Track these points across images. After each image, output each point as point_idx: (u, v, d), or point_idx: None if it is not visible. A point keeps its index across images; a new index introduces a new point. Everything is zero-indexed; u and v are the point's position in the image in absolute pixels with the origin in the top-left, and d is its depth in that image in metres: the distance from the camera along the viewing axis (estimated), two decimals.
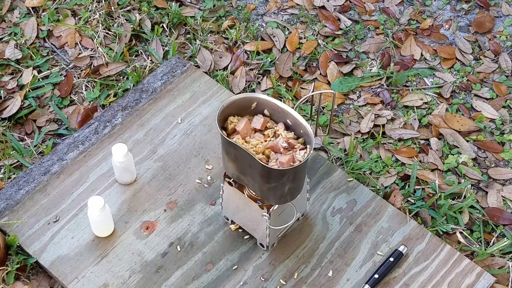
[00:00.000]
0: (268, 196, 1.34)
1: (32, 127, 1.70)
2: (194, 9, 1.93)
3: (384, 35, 1.90)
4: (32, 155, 1.65)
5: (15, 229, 1.50)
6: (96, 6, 1.91)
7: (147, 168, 1.59)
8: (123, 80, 1.78)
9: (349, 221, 1.53)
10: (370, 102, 1.77)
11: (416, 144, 1.71)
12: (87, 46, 1.85)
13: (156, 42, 1.85)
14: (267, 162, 1.30)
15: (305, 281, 1.45)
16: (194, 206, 1.54)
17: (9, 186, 1.56)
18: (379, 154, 1.68)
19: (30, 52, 1.83)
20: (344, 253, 1.48)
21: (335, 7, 1.95)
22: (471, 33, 1.91)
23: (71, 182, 1.57)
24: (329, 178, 1.59)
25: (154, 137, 1.64)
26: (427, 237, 1.51)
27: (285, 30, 1.90)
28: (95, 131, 1.65)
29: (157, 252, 1.48)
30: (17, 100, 1.73)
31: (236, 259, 1.47)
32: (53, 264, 1.46)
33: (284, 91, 1.77)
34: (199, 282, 1.44)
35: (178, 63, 1.77)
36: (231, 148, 1.30)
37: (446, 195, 1.61)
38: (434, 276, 1.46)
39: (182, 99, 1.71)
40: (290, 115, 1.32)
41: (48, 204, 1.54)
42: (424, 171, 1.65)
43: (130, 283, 1.44)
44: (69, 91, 1.76)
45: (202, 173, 1.59)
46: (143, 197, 1.55)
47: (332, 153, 1.67)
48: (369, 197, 1.56)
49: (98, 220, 1.45)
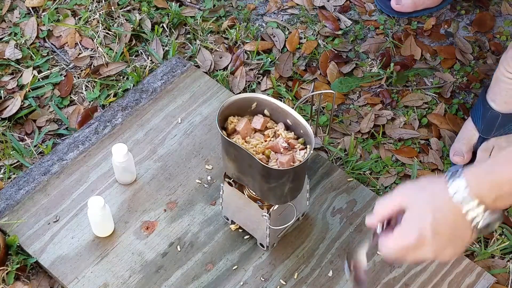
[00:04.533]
0: (268, 196, 1.34)
1: (32, 127, 1.71)
2: (194, 9, 1.93)
3: (384, 35, 1.90)
4: (32, 155, 1.65)
5: (15, 229, 1.50)
6: (96, 6, 1.91)
7: (147, 168, 1.59)
8: (123, 80, 1.78)
9: (349, 221, 1.53)
10: (370, 102, 1.77)
11: (416, 144, 1.71)
12: (87, 46, 1.85)
13: (156, 42, 1.85)
14: (267, 162, 1.30)
15: (305, 281, 1.45)
16: (194, 206, 1.54)
17: (9, 186, 1.56)
18: (379, 154, 1.68)
19: (30, 52, 1.83)
20: (344, 253, 1.48)
21: (335, 7, 1.96)
22: (471, 33, 1.91)
23: (71, 182, 1.57)
24: (329, 178, 1.59)
25: (154, 137, 1.64)
26: None
27: (285, 30, 1.90)
28: (95, 131, 1.65)
29: (157, 252, 1.48)
30: (17, 100, 1.73)
31: (236, 259, 1.47)
32: (53, 264, 1.46)
33: (284, 91, 1.77)
34: (199, 282, 1.44)
35: (178, 63, 1.77)
36: (231, 148, 1.30)
37: None
38: (434, 276, 1.46)
39: (182, 99, 1.71)
40: (290, 115, 1.32)
41: (48, 204, 1.54)
42: (424, 171, 1.65)
43: (130, 283, 1.44)
44: (69, 91, 1.76)
45: (202, 173, 1.59)
46: (143, 197, 1.55)
47: (332, 153, 1.67)
48: (369, 197, 1.56)
49: (98, 220, 1.45)
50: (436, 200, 1.05)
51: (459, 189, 1.02)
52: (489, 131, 1.62)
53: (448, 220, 1.05)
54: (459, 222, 1.04)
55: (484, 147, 1.63)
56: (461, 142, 1.65)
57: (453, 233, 1.05)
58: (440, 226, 1.05)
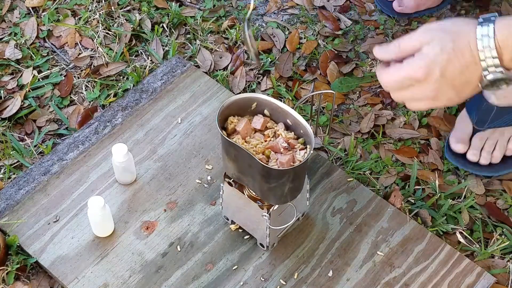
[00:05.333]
0: (268, 196, 1.34)
1: (32, 127, 1.71)
2: (194, 9, 1.93)
3: (384, 35, 1.90)
4: (32, 155, 1.65)
5: (15, 229, 1.50)
6: (96, 6, 1.91)
7: (147, 168, 1.59)
8: (123, 80, 1.78)
9: (349, 221, 1.53)
10: (370, 102, 1.77)
11: (416, 144, 1.71)
12: (87, 46, 1.85)
13: (156, 42, 1.85)
14: (267, 162, 1.30)
15: (305, 281, 1.45)
16: (194, 206, 1.54)
17: (9, 186, 1.56)
18: (379, 154, 1.68)
19: (30, 52, 1.83)
20: (344, 253, 1.49)
21: (335, 7, 1.96)
22: None
23: (71, 182, 1.57)
24: (329, 178, 1.59)
25: (154, 137, 1.64)
26: (427, 237, 1.51)
27: (285, 30, 1.90)
28: (95, 131, 1.65)
29: (157, 252, 1.48)
30: (17, 100, 1.73)
31: (236, 259, 1.47)
32: (53, 264, 1.46)
33: (284, 91, 1.77)
34: (199, 282, 1.44)
35: (178, 63, 1.77)
36: (231, 148, 1.30)
37: (446, 195, 1.61)
38: (434, 276, 1.46)
39: (182, 99, 1.71)
40: (290, 115, 1.32)
41: (48, 204, 1.54)
42: (424, 171, 1.65)
43: (130, 283, 1.44)
44: (69, 91, 1.76)
45: (202, 173, 1.59)
46: (143, 197, 1.55)
47: (332, 153, 1.67)
48: (369, 197, 1.56)
49: (98, 220, 1.45)
50: (459, 41, 1.04)
51: (488, 33, 1.01)
52: (483, 122, 1.62)
53: (461, 64, 1.04)
54: (470, 69, 1.03)
55: (480, 135, 1.64)
56: (460, 131, 1.66)
57: (459, 79, 1.05)
58: (450, 69, 1.04)
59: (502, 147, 1.64)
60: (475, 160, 1.63)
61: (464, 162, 1.64)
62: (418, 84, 1.07)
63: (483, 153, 1.63)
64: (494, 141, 1.64)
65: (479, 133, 1.64)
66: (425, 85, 1.06)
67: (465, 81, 1.05)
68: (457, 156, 1.65)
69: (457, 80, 1.05)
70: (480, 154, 1.63)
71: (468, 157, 1.63)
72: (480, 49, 1.02)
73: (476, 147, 1.63)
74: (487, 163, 1.63)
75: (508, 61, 1.02)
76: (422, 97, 1.08)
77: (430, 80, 1.05)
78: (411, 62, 1.06)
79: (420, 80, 1.06)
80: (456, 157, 1.65)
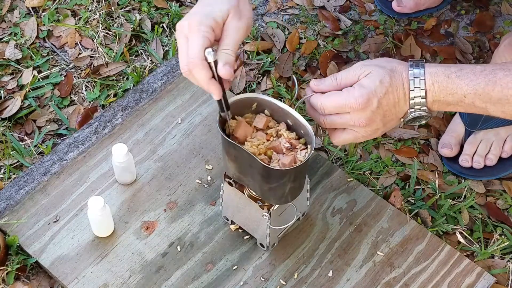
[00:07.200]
0: (269, 196, 1.34)
1: (32, 127, 1.71)
2: None
3: (384, 35, 1.90)
4: (32, 155, 1.65)
5: (15, 229, 1.50)
6: (96, 6, 1.91)
7: (147, 168, 1.59)
8: (123, 80, 1.78)
9: (349, 221, 1.53)
10: None
11: (416, 144, 1.71)
12: (87, 46, 1.85)
13: (156, 42, 1.85)
14: (269, 162, 1.29)
15: (305, 281, 1.45)
16: (194, 206, 1.54)
17: (9, 186, 1.56)
18: (379, 154, 1.68)
19: (30, 52, 1.83)
20: (344, 253, 1.49)
21: (335, 7, 1.96)
22: (471, 33, 1.91)
23: (71, 182, 1.57)
24: (329, 178, 1.59)
25: (154, 137, 1.64)
26: (427, 237, 1.51)
27: (285, 30, 1.90)
28: (95, 131, 1.65)
29: (157, 252, 1.48)
30: (17, 100, 1.73)
31: (236, 259, 1.48)
32: (53, 264, 1.46)
33: (284, 91, 1.77)
34: (199, 282, 1.44)
35: (178, 63, 1.77)
36: (231, 149, 1.29)
37: (446, 195, 1.61)
38: (434, 276, 1.46)
39: (182, 99, 1.71)
40: (291, 115, 1.32)
41: (48, 204, 1.54)
42: (424, 171, 1.65)
43: (130, 283, 1.44)
44: (69, 91, 1.76)
45: (202, 173, 1.59)
46: (143, 197, 1.55)
47: (332, 153, 1.67)
48: (369, 197, 1.56)
49: (98, 220, 1.45)
50: (394, 78, 1.15)
51: (420, 76, 1.14)
52: (475, 124, 1.62)
53: (395, 99, 1.15)
54: (401, 104, 1.15)
55: (472, 140, 1.64)
56: (450, 135, 1.66)
57: (389, 112, 1.16)
58: (385, 102, 1.14)
59: (497, 148, 1.63)
60: (467, 165, 1.63)
61: (460, 169, 1.64)
62: (353, 112, 1.15)
63: (476, 157, 1.63)
64: (488, 144, 1.63)
65: (471, 137, 1.64)
66: (361, 113, 1.15)
67: (394, 114, 1.17)
68: (453, 163, 1.65)
69: (388, 112, 1.15)
70: (472, 159, 1.63)
71: (460, 163, 1.64)
72: (411, 89, 1.14)
73: (468, 152, 1.63)
74: (480, 167, 1.63)
75: (430, 103, 1.15)
76: (354, 124, 1.16)
77: (367, 109, 1.14)
78: (351, 91, 1.15)
79: (358, 109, 1.14)
80: (453, 164, 1.65)
